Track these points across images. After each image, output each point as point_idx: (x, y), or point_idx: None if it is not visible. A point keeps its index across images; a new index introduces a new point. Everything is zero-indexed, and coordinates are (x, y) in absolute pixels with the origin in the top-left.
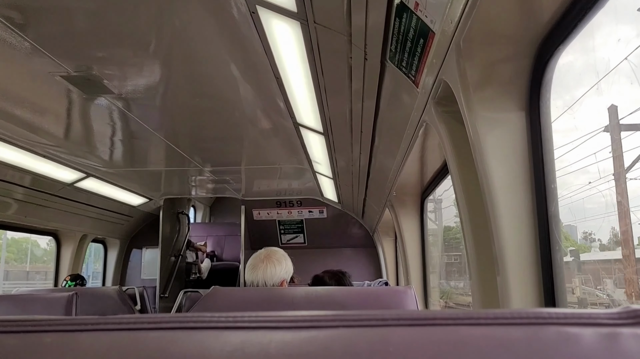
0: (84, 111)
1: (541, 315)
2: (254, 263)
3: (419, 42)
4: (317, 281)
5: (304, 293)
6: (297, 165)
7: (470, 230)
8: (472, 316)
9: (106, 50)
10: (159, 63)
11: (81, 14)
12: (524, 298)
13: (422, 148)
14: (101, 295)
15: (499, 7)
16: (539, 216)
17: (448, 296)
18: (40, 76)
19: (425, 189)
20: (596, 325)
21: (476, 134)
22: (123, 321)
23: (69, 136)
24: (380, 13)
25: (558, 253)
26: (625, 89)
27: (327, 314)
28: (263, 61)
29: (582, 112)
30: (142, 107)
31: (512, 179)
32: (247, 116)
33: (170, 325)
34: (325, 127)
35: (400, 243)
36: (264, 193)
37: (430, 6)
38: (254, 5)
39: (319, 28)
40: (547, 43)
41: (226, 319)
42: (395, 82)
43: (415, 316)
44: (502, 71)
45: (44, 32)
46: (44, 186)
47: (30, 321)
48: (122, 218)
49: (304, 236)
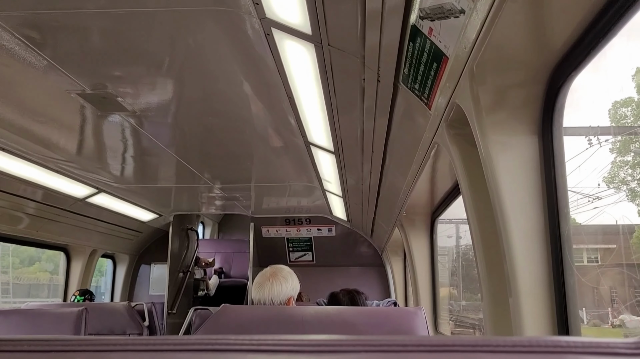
0: (98, 127)
1: (559, 344)
2: (260, 281)
3: (432, 65)
4: (332, 298)
5: (314, 312)
6: (307, 183)
7: (482, 251)
8: (491, 343)
9: (121, 69)
10: (172, 81)
11: (97, 32)
12: (537, 320)
13: (433, 168)
14: (110, 311)
15: (512, 33)
16: (552, 239)
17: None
18: (57, 93)
19: (436, 209)
20: (614, 354)
21: (489, 157)
22: (137, 343)
23: (82, 152)
24: (394, 37)
25: (571, 277)
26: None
27: (349, 339)
28: (276, 80)
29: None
30: (155, 124)
31: (524, 202)
32: (259, 134)
33: (193, 347)
34: (336, 145)
35: (410, 263)
36: (273, 210)
37: (444, 31)
38: (269, 27)
39: (332, 50)
40: (560, 69)
41: (250, 342)
42: (407, 103)
43: (435, 343)
44: (514, 96)
45: (61, 51)
46: (55, 201)
47: (45, 340)
48: (131, 233)
49: (312, 254)
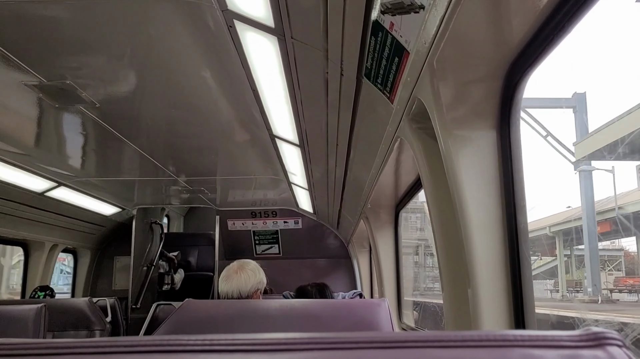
0: (57, 120)
1: (507, 337)
2: (227, 274)
3: (394, 60)
4: (301, 291)
5: (279, 306)
6: (273, 176)
7: (443, 243)
8: (442, 338)
9: (80, 60)
10: (133, 72)
11: (54, 22)
12: (494, 310)
13: (396, 161)
14: (71, 307)
15: (471, 29)
16: (509, 231)
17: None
18: (12, 85)
19: (400, 201)
20: (559, 347)
21: (449, 151)
22: (100, 345)
23: (41, 144)
24: (357, 31)
25: (527, 269)
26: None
27: (302, 337)
28: (239, 73)
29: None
30: (116, 117)
31: (483, 195)
32: (223, 127)
33: (147, 348)
34: (301, 139)
35: (375, 254)
36: (239, 203)
37: (405, 26)
38: (231, 19)
39: (295, 43)
40: (517, 65)
41: (202, 342)
42: (370, 97)
43: (387, 339)
44: (474, 91)
45: (16, 41)
46: (13, 195)
47: (7, 344)
48: (94, 227)
49: (279, 247)
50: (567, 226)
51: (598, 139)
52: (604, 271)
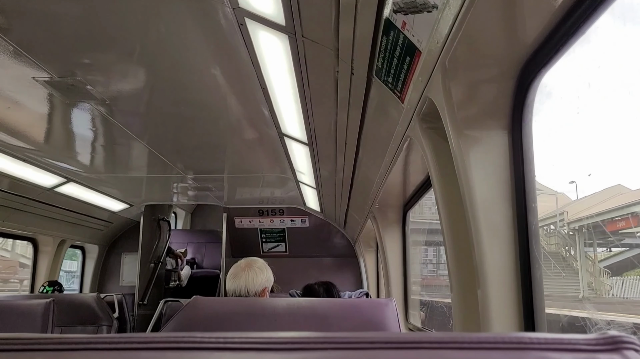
0: (66, 116)
1: (523, 340)
2: (235, 272)
3: (406, 59)
4: (307, 289)
5: (286, 304)
6: (280, 174)
7: (452, 243)
8: (457, 339)
9: (90, 56)
10: (143, 69)
11: (66, 19)
12: (504, 312)
13: (405, 161)
14: (79, 302)
15: (484, 29)
16: (520, 233)
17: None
18: (23, 80)
19: (408, 201)
20: (575, 351)
21: (459, 151)
22: (113, 341)
23: (50, 140)
24: (368, 30)
25: (538, 271)
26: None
27: (316, 336)
28: (249, 71)
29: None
30: (126, 113)
31: (493, 196)
32: (232, 124)
33: (161, 345)
34: (310, 137)
35: (382, 254)
36: (246, 201)
37: (417, 26)
38: (242, 17)
39: (306, 42)
40: (530, 65)
41: (216, 340)
42: (380, 96)
43: (402, 339)
44: (486, 91)
45: (28, 37)
46: (23, 190)
47: (20, 339)
48: (102, 223)
49: (285, 245)
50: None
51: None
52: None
